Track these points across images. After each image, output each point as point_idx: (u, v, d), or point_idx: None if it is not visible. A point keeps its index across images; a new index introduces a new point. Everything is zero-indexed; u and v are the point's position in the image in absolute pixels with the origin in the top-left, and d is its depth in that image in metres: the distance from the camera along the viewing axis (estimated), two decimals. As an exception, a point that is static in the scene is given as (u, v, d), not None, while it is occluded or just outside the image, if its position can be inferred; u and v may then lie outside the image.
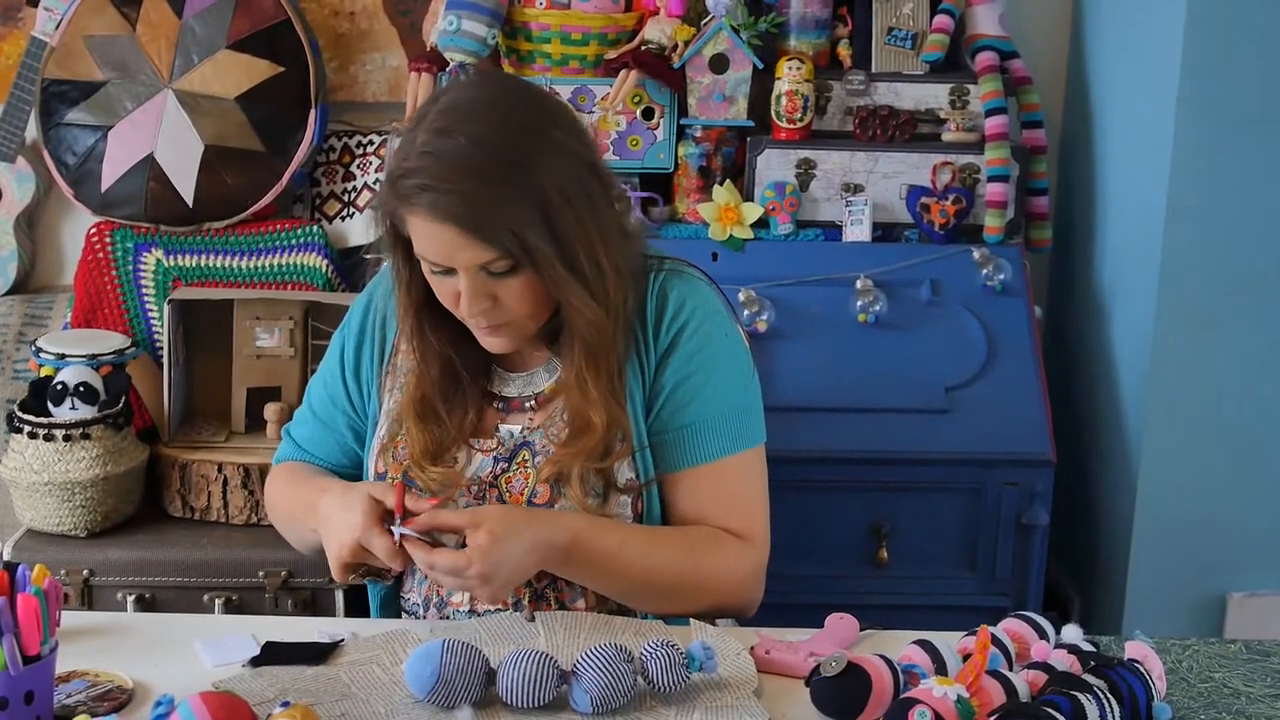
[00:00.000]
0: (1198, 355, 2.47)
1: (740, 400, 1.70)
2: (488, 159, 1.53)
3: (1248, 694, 1.49)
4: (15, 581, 1.35)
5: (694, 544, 1.65)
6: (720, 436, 1.67)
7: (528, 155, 1.54)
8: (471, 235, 1.52)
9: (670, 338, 1.67)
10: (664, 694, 1.41)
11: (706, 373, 1.67)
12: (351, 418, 1.79)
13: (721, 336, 1.70)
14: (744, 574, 1.67)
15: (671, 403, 1.67)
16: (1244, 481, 2.51)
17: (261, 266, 2.71)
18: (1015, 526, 2.42)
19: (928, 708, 1.28)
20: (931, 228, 2.61)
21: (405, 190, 1.54)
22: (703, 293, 1.71)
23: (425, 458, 1.66)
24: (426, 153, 1.53)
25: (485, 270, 1.56)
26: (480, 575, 1.49)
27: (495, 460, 1.68)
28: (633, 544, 1.61)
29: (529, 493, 1.65)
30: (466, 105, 1.56)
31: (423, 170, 1.52)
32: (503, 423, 1.69)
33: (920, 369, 2.47)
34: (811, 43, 2.68)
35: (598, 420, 1.62)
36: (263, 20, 2.66)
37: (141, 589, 2.38)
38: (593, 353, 1.62)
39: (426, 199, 1.52)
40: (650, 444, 1.67)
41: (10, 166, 2.75)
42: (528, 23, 2.59)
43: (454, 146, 1.52)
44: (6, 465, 2.40)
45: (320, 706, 1.38)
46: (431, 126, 1.54)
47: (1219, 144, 2.39)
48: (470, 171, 1.52)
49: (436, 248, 1.55)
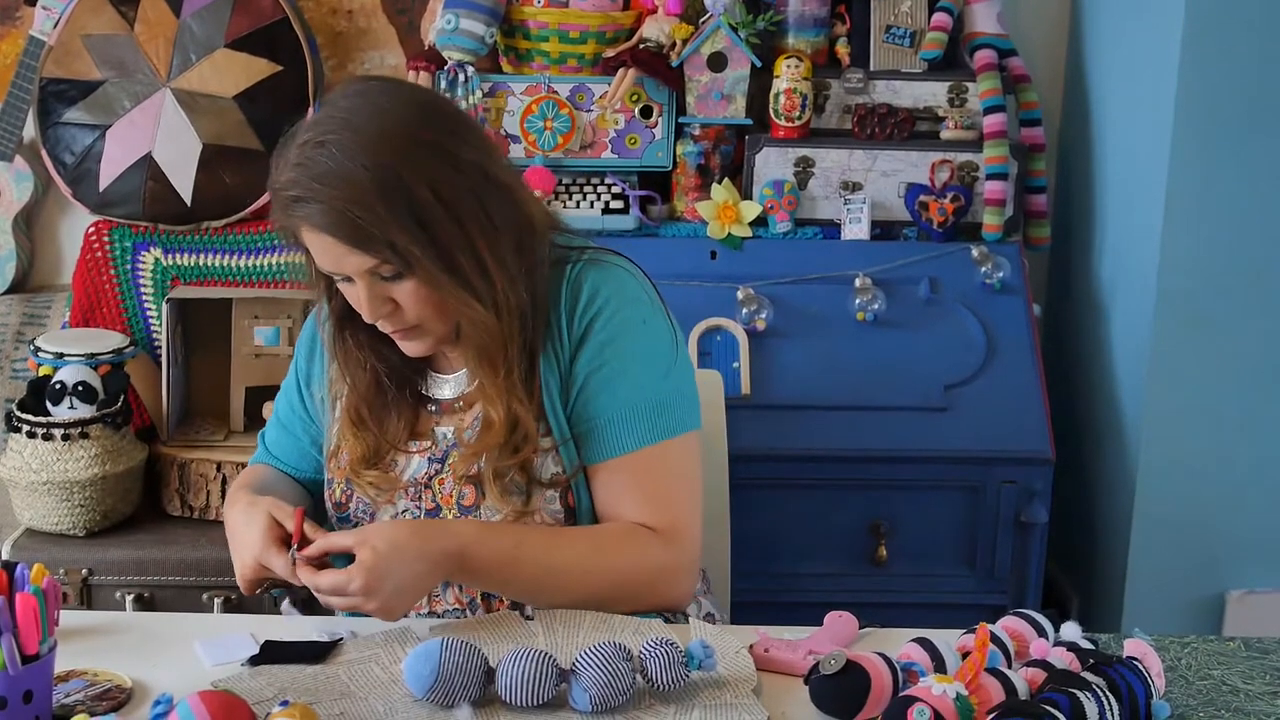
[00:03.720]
0: (1196, 352, 2.47)
1: (658, 390, 1.66)
2: (357, 167, 1.51)
3: (1246, 691, 1.49)
4: (14, 581, 1.34)
5: (600, 541, 1.63)
6: (635, 428, 1.64)
7: (400, 162, 1.52)
8: (346, 244, 1.53)
9: (583, 328, 1.64)
10: (663, 692, 1.41)
11: (620, 362, 1.64)
12: (308, 424, 1.80)
13: (637, 324, 1.66)
14: (658, 569, 1.64)
15: (585, 394, 1.65)
16: (1243, 479, 2.51)
17: (260, 265, 2.71)
18: (1014, 524, 2.42)
19: (927, 706, 1.28)
20: (930, 226, 2.61)
21: (283, 202, 1.55)
22: (619, 280, 1.67)
23: (361, 464, 1.68)
24: (298, 164, 1.53)
25: (377, 275, 1.56)
26: (363, 589, 1.48)
27: (430, 461, 1.68)
28: (531, 545, 1.59)
29: (457, 494, 1.66)
30: (342, 114, 1.55)
31: (295, 183, 1.53)
32: (437, 425, 1.70)
33: (919, 367, 2.47)
34: (810, 41, 2.68)
35: (495, 416, 1.61)
36: (261, 19, 2.66)
37: (140, 588, 2.38)
38: (484, 352, 1.61)
39: (302, 210, 1.53)
40: (574, 436, 1.65)
41: (8, 166, 2.75)
42: (526, 21, 2.59)
43: (324, 156, 1.52)
44: (5, 464, 2.39)
45: (319, 705, 1.38)
46: (304, 138, 1.55)
47: (1217, 141, 2.39)
48: (340, 181, 1.51)
49: (324, 256, 1.56)
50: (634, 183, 2.65)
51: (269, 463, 1.84)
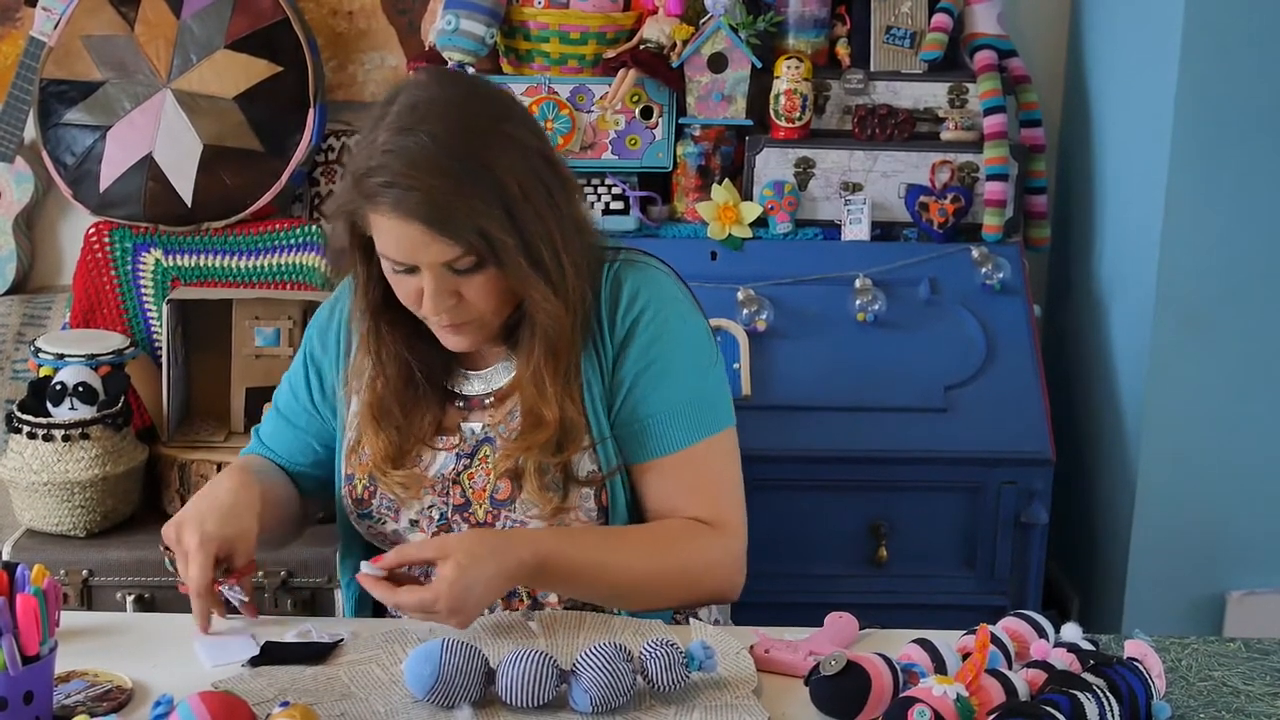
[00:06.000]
0: (1196, 353, 2.47)
1: (702, 387, 1.69)
2: (451, 156, 1.52)
3: (1247, 692, 1.49)
4: (14, 581, 1.34)
5: (665, 539, 1.65)
6: (684, 426, 1.67)
7: (488, 151, 1.54)
8: (437, 232, 1.52)
9: (626, 329, 1.66)
10: (663, 693, 1.41)
11: (665, 362, 1.66)
12: (313, 417, 1.79)
13: (678, 324, 1.69)
14: (718, 562, 1.67)
15: (633, 395, 1.66)
16: (1243, 480, 2.51)
17: (260, 266, 2.71)
18: (1014, 525, 2.42)
19: (927, 706, 1.29)
20: (930, 226, 2.61)
21: (370, 188, 1.53)
22: (657, 281, 1.70)
23: (386, 462, 1.67)
24: (389, 151, 1.53)
25: (449, 267, 1.56)
26: (449, 609, 1.48)
27: (458, 457, 1.68)
28: (603, 549, 1.61)
29: (490, 488, 1.66)
30: (426, 104, 1.56)
31: (386, 168, 1.52)
32: (465, 421, 1.70)
33: (919, 368, 2.47)
34: (810, 41, 2.68)
35: (550, 416, 1.62)
36: (261, 20, 2.66)
37: (141, 589, 2.38)
38: (553, 348, 1.62)
39: (391, 196, 1.52)
40: (615, 436, 1.67)
41: (9, 167, 2.75)
42: (526, 22, 2.59)
43: (416, 144, 1.52)
44: (6, 465, 2.40)
45: (320, 706, 1.38)
46: (393, 125, 1.54)
47: (1217, 142, 2.39)
48: (434, 168, 1.52)
49: (401, 246, 1.55)
50: (634, 183, 2.65)
51: (262, 453, 1.82)
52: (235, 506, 1.60)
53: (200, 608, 1.55)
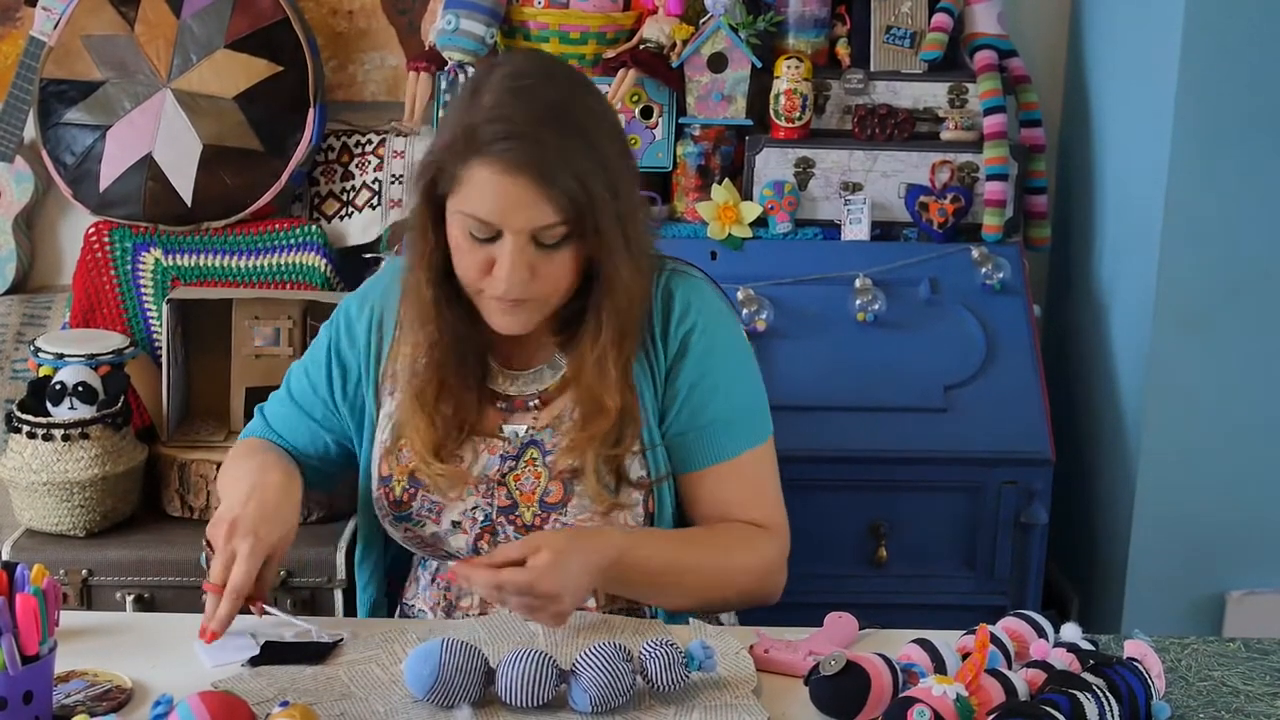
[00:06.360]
0: (1196, 353, 2.47)
1: (751, 395, 1.74)
2: (565, 117, 1.55)
3: (1247, 692, 1.49)
4: (14, 581, 1.34)
5: (729, 541, 1.68)
6: (739, 433, 1.70)
7: (589, 119, 1.58)
8: (544, 188, 1.52)
9: (680, 341, 1.68)
10: (663, 693, 1.41)
11: (719, 373, 1.69)
12: (331, 413, 1.77)
13: (727, 336, 1.72)
14: (772, 563, 1.71)
15: (690, 404, 1.68)
16: (1243, 479, 2.51)
17: (260, 266, 2.71)
18: (1014, 525, 2.42)
19: (927, 706, 1.29)
20: (930, 226, 2.61)
21: (485, 137, 1.52)
22: (705, 293, 1.72)
23: (430, 452, 1.65)
24: (505, 105, 1.53)
25: (534, 238, 1.55)
26: (550, 592, 1.48)
27: (503, 459, 1.67)
28: (675, 550, 1.64)
29: (541, 491, 1.66)
30: (529, 73, 1.59)
31: (507, 119, 1.52)
32: (506, 422, 1.69)
33: (919, 368, 2.47)
34: (810, 41, 2.68)
35: (611, 404, 1.62)
36: (261, 19, 2.66)
37: (140, 589, 2.38)
38: (623, 331, 1.63)
39: (504, 146, 1.51)
40: (669, 445, 1.69)
41: (9, 166, 2.75)
42: (526, 22, 2.59)
43: (532, 101, 1.54)
44: (5, 465, 2.39)
45: (319, 706, 1.38)
46: (500, 88, 1.55)
47: (1217, 142, 2.39)
48: (553, 125, 1.53)
49: (498, 204, 1.53)
50: (634, 183, 2.65)
51: (270, 439, 1.80)
52: (282, 508, 1.60)
53: (230, 611, 1.50)
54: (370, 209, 2.77)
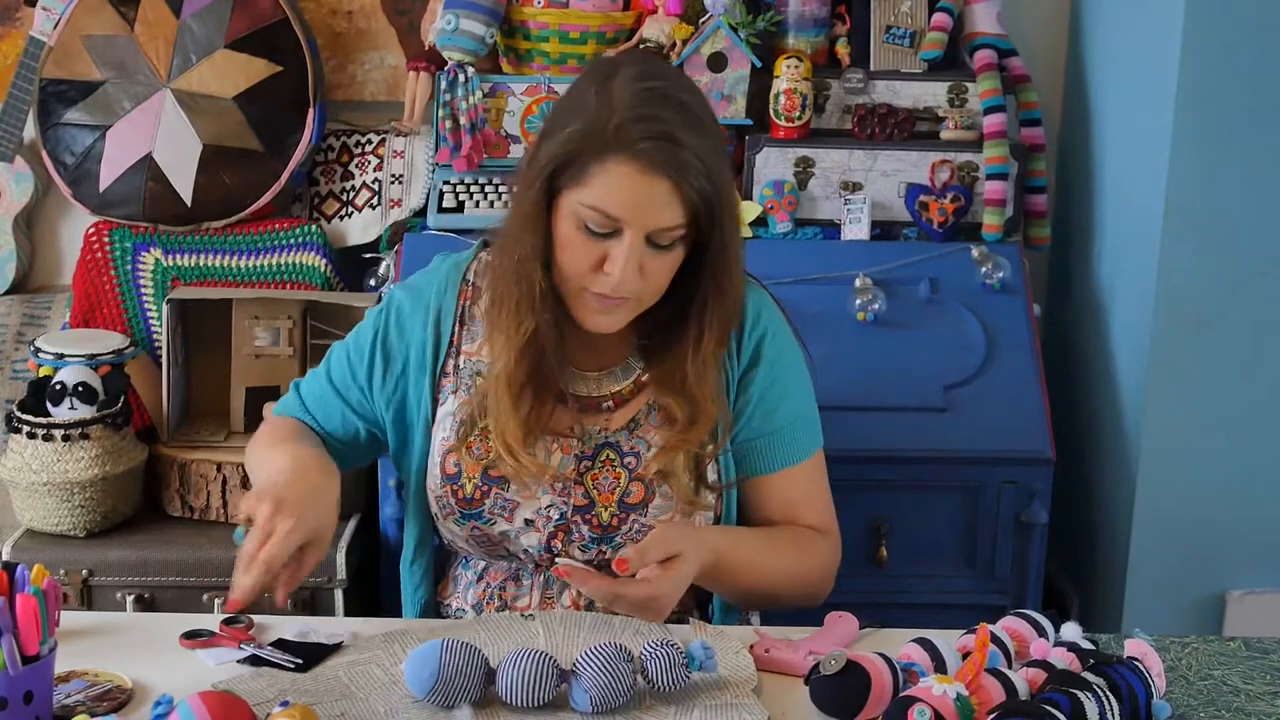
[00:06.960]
0: (1196, 352, 2.47)
1: (812, 402, 1.79)
2: (698, 121, 1.56)
3: (1247, 691, 1.49)
4: (14, 581, 1.34)
5: (802, 542, 1.72)
6: (806, 437, 1.75)
7: (716, 125, 1.62)
8: (679, 189, 1.53)
9: (753, 349, 1.72)
10: (663, 693, 1.41)
11: (788, 379, 1.74)
12: (364, 395, 1.74)
13: (789, 344, 1.77)
14: (832, 566, 1.76)
15: (762, 409, 1.71)
16: (1243, 479, 2.51)
17: (260, 266, 2.71)
18: (1014, 525, 2.42)
19: (927, 706, 1.29)
20: (930, 226, 2.61)
21: (629, 136, 1.52)
22: (768, 300, 1.77)
23: (520, 445, 1.63)
24: (646, 103, 1.53)
25: (652, 238, 1.56)
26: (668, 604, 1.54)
27: (578, 459, 1.68)
28: (761, 549, 1.68)
29: (621, 491, 1.67)
30: (656, 71, 1.61)
31: (651, 118, 1.52)
32: (577, 422, 1.69)
33: (919, 367, 2.47)
34: (810, 41, 2.68)
35: (713, 409, 1.65)
36: (261, 19, 2.66)
37: (141, 589, 2.38)
38: (723, 336, 1.66)
39: (648, 145, 1.51)
40: (740, 450, 1.71)
41: (9, 166, 2.75)
42: (526, 21, 2.59)
43: (671, 103, 1.55)
44: (5, 465, 2.39)
45: (320, 706, 1.38)
46: (637, 85, 1.55)
47: (1217, 141, 2.39)
48: (692, 126, 1.54)
49: (630, 201, 1.53)
50: (634, 183, 2.64)
51: (301, 416, 1.78)
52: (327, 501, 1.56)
53: (256, 582, 1.46)
54: (370, 209, 2.77)
